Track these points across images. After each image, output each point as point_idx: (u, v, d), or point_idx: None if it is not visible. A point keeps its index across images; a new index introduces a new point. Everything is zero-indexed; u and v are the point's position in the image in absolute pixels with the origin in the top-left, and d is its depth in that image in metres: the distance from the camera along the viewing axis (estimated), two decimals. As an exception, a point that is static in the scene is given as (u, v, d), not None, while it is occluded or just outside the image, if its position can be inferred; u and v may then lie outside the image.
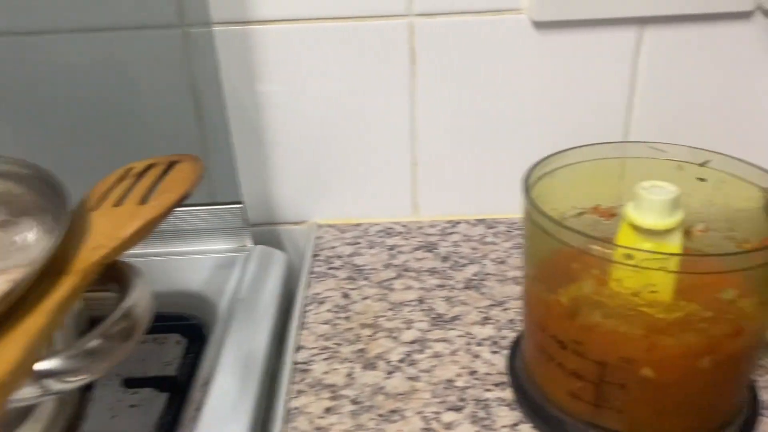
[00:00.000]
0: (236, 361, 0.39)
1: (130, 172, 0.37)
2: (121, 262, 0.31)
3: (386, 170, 0.52)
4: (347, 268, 0.48)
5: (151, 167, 0.37)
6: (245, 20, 0.47)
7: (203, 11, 0.46)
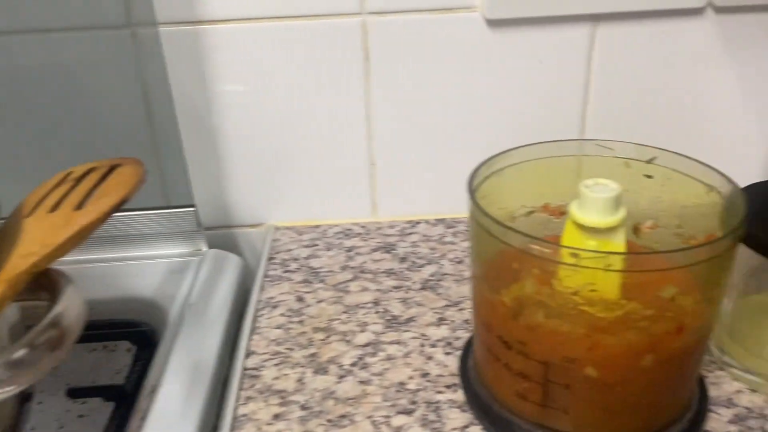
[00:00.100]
0: (184, 368, 0.39)
1: (69, 176, 0.36)
2: (52, 269, 0.30)
3: (344, 171, 0.52)
4: (303, 270, 0.47)
5: (91, 171, 0.36)
6: (194, 20, 0.46)
7: (150, 11, 0.45)
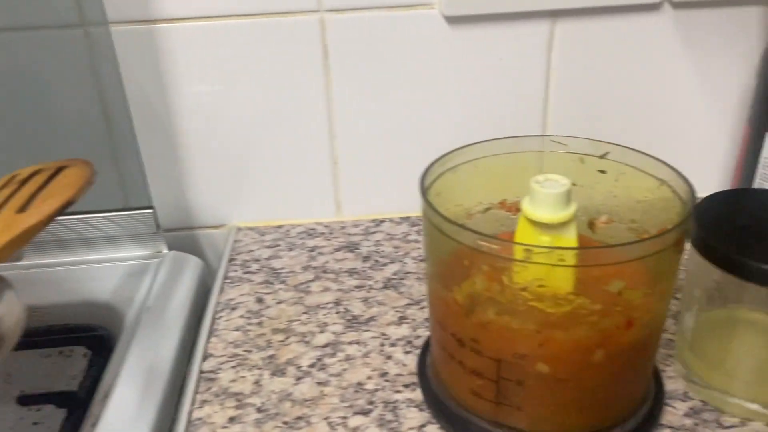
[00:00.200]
0: (139, 372, 0.38)
1: (14, 178, 0.35)
2: (-9, 274, 0.29)
3: (306, 170, 0.51)
4: (264, 272, 0.47)
5: (37, 173, 0.35)
6: (148, 19, 0.45)
7: (102, 10, 0.44)
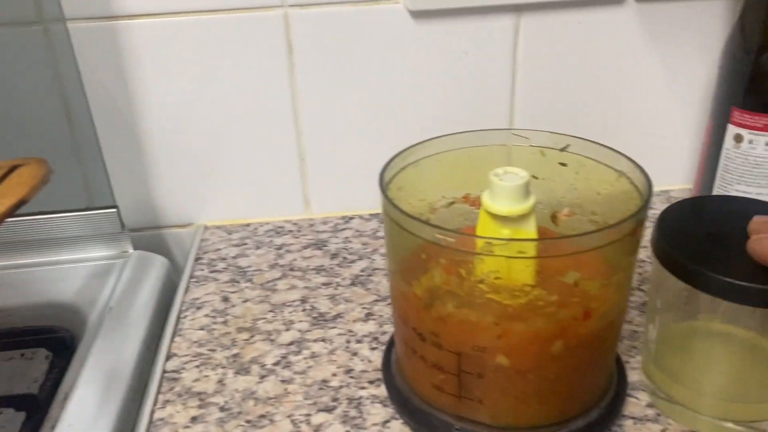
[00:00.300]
0: (100, 373, 0.37)
1: (-33, 178, 0.34)
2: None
3: (274, 167, 0.51)
4: (230, 270, 0.46)
5: (-10, 172, 0.34)
6: (109, 15, 0.44)
7: (58, 7, 0.43)
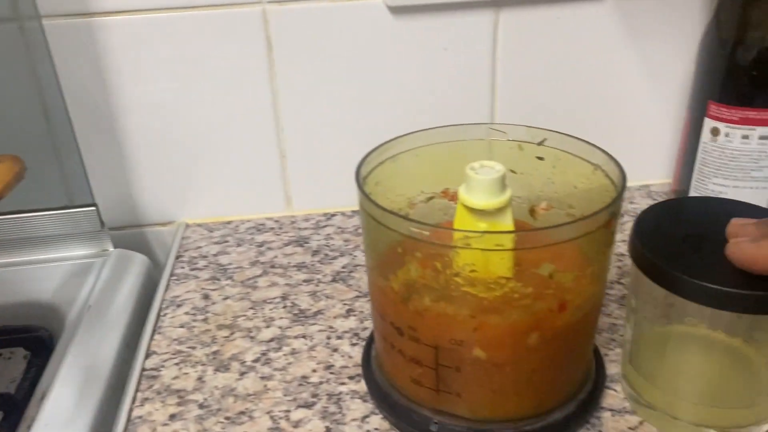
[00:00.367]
0: (78, 372, 0.37)
1: (-60, 176, 0.34)
2: None
3: (255, 165, 0.51)
4: (211, 268, 0.46)
5: (-37, 170, 0.34)
6: (85, 12, 0.44)
7: (32, 3, 0.43)
